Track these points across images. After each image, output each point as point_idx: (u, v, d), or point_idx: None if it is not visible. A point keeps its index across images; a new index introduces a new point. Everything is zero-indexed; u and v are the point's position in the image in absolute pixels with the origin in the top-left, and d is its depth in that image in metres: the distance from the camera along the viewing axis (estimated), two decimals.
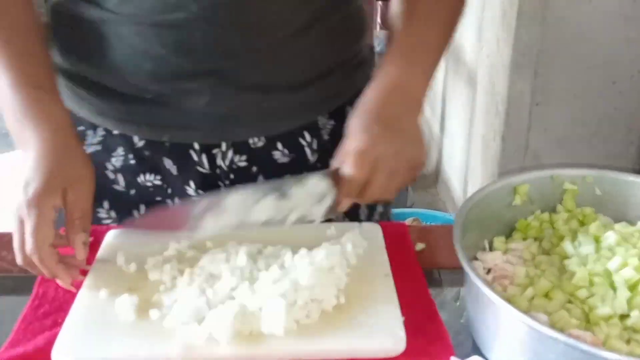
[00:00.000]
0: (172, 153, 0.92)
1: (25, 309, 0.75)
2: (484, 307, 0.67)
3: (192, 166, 0.92)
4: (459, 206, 0.76)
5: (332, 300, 0.72)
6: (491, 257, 0.76)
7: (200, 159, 0.92)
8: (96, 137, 0.93)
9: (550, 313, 0.68)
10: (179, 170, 0.92)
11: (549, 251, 0.79)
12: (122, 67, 0.86)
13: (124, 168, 0.93)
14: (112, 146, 0.93)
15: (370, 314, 0.71)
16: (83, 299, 0.74)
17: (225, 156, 0.92)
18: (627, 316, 0.67)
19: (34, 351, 0.69)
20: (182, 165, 0.92)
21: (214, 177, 0.93)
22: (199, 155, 0.92)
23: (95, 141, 0.93)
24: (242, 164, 0.93)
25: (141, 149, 0.92)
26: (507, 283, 0.73)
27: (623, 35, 1.64)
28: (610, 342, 0.65)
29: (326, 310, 0.71)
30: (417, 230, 0.92)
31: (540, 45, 1.66)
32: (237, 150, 0.92)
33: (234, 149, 0.92)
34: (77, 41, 0.89)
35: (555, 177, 0.84)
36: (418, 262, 0.83)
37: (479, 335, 0.71)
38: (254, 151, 0.93)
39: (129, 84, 0.87)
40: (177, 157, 0.92)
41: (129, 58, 0.85)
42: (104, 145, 0.93)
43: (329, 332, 0.69)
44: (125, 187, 0.93)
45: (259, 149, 0.93)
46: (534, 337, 0.61)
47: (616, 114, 1.74)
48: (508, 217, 0.83)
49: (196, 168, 0.92)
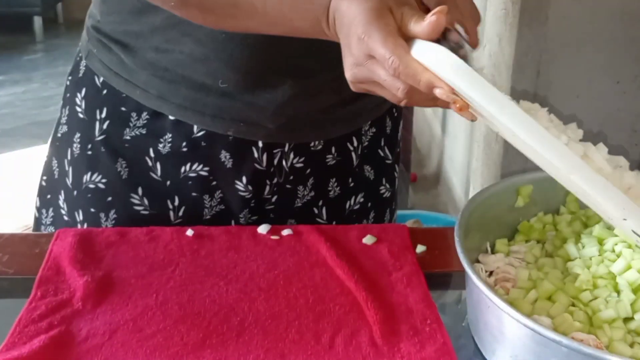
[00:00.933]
0: (232, 147, 0.91)
1: (21, 311, 0.74)
2: (486, 310, 0.67)
3: (251, 162, 0.92)
4: (460, 208, 0.76)
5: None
6: (493, 259, 0.76)
7: (261, 156, 0.92)
8: (140, 120, 0.90)
9: (553, 316, 0.67)
10: (235, 164, 0.91)
11: (552, 253, 0.78)
12: (204, 51, 0.84)
13: (170, 155, 0.91)
14: (160, 131, 0.90)
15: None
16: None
17: (287, 157, 0.93)
18: (631, 319, 0.67)
19: (30, 354, 0.68)
20: (239, 159, 0.91)
21: (268, 174, 0.93)
22: (260, 153, 0.91)
23: (140, 124, 0.90)
24: (299, 165, 0.94)
25: (198, 139, 0.90)
26: (509, 286, 0.72)
27: (627, 34, 1.63)
28: (614, 345, 0.64)
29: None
30: (418, 232, 0.92)
31: (543, 44, 1.65)
32: (297, 152, 0.93)
33: (295, 151, 0.93)
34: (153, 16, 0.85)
35: None
36: (419, 264, 0.83)
37: (481, 339, 0.70)
38: (312, 154, 0.94)
39: (204, 71, 0.85)
40: (237, 151, 0.91)
41: (214, 42, 0.83)
42: (150, 129, 0.90)
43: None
44: (161, 177, 0.92)
45: (317, 151, 0.95)
46: (536, 341, 0.61)
47: (620, 114, 1.73)
48: (510, 219, 0.83)
49: (253, 164, 0.92)
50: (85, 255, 0.83)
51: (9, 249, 0.87)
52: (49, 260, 0.82)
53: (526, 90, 1.72)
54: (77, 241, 0.85)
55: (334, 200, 0.98)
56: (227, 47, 0.83)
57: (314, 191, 0.97)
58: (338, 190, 0.98)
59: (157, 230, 0.88)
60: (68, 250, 0.83)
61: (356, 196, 1.00)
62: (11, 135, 3.54)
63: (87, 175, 0.93)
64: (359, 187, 1.00)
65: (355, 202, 1.00)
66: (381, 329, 0.72)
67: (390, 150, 1.04)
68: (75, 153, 0.94)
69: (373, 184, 1.02)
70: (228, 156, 0.91)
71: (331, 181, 0.97)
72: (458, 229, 0.71)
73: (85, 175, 0.93)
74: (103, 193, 0.93)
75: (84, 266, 0.81)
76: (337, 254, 0.83)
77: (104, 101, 0.91)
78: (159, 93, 0.88)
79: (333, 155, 0.96)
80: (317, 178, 0.96)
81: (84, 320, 0.73)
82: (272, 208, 0.96)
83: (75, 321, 0.73)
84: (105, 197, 0.93)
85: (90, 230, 0.88)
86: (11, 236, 0.90)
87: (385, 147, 1.03)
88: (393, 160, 1.05)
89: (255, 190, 0.93)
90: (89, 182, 0.93)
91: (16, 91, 4.16)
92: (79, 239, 0.86)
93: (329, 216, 0.99)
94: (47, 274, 0.80)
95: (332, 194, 0.98)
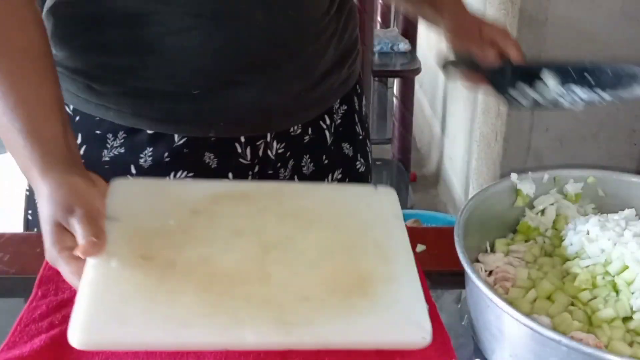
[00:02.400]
0: (215, 148, 0.91)
1: (22, 311, 0.74)
2: (486, 310, 0.67)
3: (235, 158, 0.92)
4: (460, 207, 0.76)
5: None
6: (493, 259, 0.76)
7: (244, 151, 0.92)
8: (117, 140, 0.89)
9: (553, 315, 0.67)
10: (219, 163, 0.92)
11: (551, 253, 0.78)
12: (170, 63, 0.84)
13: (152, 167, 0.90)
14: (140, 147, 0.89)
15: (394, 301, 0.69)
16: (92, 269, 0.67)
17: (271, 146, 0.94)
18: (630, 319, 0.67)
19: (30, 353, 0.68)
20: (223, 158, 0.92)
21: (251, 167, 0.94)
22: (243, 148, 0.92)
23: (117, 144, 0.89)
24: (281, 151, 0.96)
25: (180, 146, 0.90)
26: (508, 285, 0.72)
27: (625, 35, 1.63)
28: (613, 344, 0.65)
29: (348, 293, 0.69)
30: (418, 232, 0.92)
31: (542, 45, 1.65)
32: (279, 139, 0.95)
33: (276, 139, 0.95)
34: (110, 40, 0.85)
35: (558, 178, 0.84)
36: (419, 263, 0.83)
37: (481, 338, 0.70)
38: (292, 138, 0.96)
39: (174, 82, 0.85)
40: (221, 151, 0.91)
41: (179, 53, 0.83)
42: (129, 146, 0.89)
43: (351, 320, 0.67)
44: None
45: (296, 135, 0.97)
46: (536, 340, 0.61)
47: (619, 114, 1.73)
48: (510, 219, 0.83)
49: (238, 160, 0.93)
50: None
51: (10, 248, 0.87)
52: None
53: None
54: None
55: (309, 178, 1.00)
56: (192, 57, 0.84)
57: (292, 170, 0.99)
58: (312, 167, 1.00)
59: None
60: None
61: (333, 173, 1.02)
62: None
63: None
64: (335, 165, 1.02)
65: (333, 178, 1.02)
66: None
67: (362, 126, 1.07)
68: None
69: (350, 160, 1.05)
70: (212, 156, 0.91)
71: (304, 158, 0.99)
72: (457, 228, 0.72)
73: None
74: None
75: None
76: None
77: (78, 127, 0.89)
78: (133, 111, 0.88)
79: (309, 135, 0.99)
80: (296, 160, 0.99)
81: None
82: None
83: None
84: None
85: None
86: (12, 236, 0.90)
87: (358, 123, 1.06)
88: (364, 135, 1.08)
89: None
90: None
91: None
92: None
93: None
94: (48, 274, 0.80)
95: (306, 170, 0.99)
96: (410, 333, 0.66)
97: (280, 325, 0.65)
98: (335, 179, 1.02)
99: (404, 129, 2.73)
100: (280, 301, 0.67)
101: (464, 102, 2.50)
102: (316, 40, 0.91)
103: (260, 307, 0.66)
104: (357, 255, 0.73)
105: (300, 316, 0.66)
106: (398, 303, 0.69)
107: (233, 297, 0.67)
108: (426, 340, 0.66)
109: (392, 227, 0.79)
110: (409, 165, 2.79)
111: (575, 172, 0.84)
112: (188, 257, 0.70)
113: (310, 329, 0.65)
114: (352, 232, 0.76)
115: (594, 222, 0.75)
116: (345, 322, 0.66)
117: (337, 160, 1.02)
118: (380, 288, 0.70)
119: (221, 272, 0.69)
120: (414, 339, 0.66)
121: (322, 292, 0.68)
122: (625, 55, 1.66)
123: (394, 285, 0.70)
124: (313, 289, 0.69)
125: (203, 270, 0.69)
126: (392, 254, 0.74)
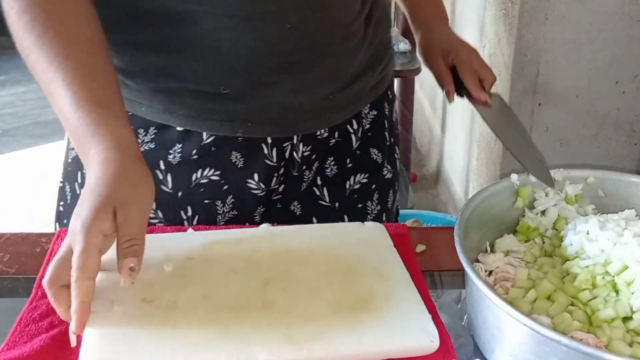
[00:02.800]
0: (242, 147, 0.92)
1: (22, 311, 0.74)
2: (486, 310, 0.67)
3: (261, 159, 0.93)
4: (460, 207, 0.76)
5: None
6: (493, 259, 0.76)
7: (271, 152, 0.93)
8: (148, 135, 0.91)
9: (553, 315, 0.67)
10: (246, 162, 0.93)
11: (552, 253, 0.78)
12: (203, 62, 0.85)
13: (181, 164, 0.91)
14: (169, 143, 0.91)
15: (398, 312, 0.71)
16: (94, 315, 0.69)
17: (297, 148, 0.95)
18: (630, 318, 0.67)
19: (30, 354, 0.68)
20: (250, 158, 0.92)
21: (278, 168, 0.95)
22: (269, 149, 0.93)
23: (148, 139, 0.91)
24: (307, 154, 0.96)
25: (208, 144, 0.91)
26: (508, 285, 0.72)
27: (626, 34, 1.63)
28: (613, 344, 0.65)
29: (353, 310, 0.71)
30: (418, 232, 0.92)
31: (542, 44, 1.65)
32: (305, 142, 0.95)
33: (303, 141, 0.95)
34: (144, 39, 0.86)
35: (557, 178, 0.83)
36: (418, 263, 0.83)
37: (481, 338, 0.70)
38: (318, 141, 0.97)
39: (207, 80, 0.86)
40: (247, 150, 0.92)
41: (212, 53, 0.84)
42: (159, 142, 0.91)
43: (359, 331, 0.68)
44: (172, 189, 0.92)
45: (323, 138, 0.97)
46: (536, 340, 0.61)
47: (619, 114, 1.73)
48: (510, 219, 0.83)
49: (264, 161, 0.93)
50: None
51: (10, 248, 0.87)
52: (49, 260, 0.83)
53: (526, 90, 1.72)
54: None
55: (332, 179, 1.00)
56: (224, 56, 0.84)
57: (315, 172, 0.99)
58: (335, 169, 1.00)
59: (157, 230, 0.88)
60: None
61: (355, 176, 1.02)
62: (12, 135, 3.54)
63: None
64: (359, 168, 1.02)
65: (355, 181, 1.02)
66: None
67: (390, 133, 1.07)
68: (85, 176, 0.94)
69: (379, 166, 1.05)
70: (239, 156, 0.92)
71: (328, 159, 0.99)
72: (458, 228, 0.72)
73: None
74: None
75: None
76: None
77: None
78: (164, 107, 0.89)
79: (336, 139, 0.99)
80: (320, 160, 0.99)
81: None
82: (280, 197, 0.97)
83: None
84: None
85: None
86: (12, 236, 0.90)
87: (387, 129, 1.06)
88: (393, 142, 1.08)
89: (265, 185, 0.95)
90: None
91: (17, 91, 4.16)
92: None
93: (330, 197, 1.00)
94: None
95: (329, 171, 1.00)
96: (418, 338, 0.68)
97: (290, 342, 0.66)
98: (358, 182, 1.02)
99: (404, 129, 2.73)
100: (287, 323, 0.69)
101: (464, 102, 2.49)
102: (346, 43, 0.92)
103: (268, 330, 0.68)
104: (355, 279, 0.76)
105: (308, 334, 0.68)
106: (402, 314, 0.71)
107: (239, 324, 0.69)
108: (434, 344, 0.67)
109: (386, 254, 0.81)
110: (409, 165, 2.79)
111: (575, 172, 0.84)
112: (189, 296, 0.72)
113: (320, 343, 0.66)
114: (347, 261, 0.78)
115: (594, 222, 0.75)
116: (353, 334, 0.68)
117: (364, 165, 1.02)
118: (383, 303, 0.72)
119: (224, 306, 0.71)
120: (423, 343, 0.67)
121: (327, 313, 0.70)
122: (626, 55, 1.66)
123: (395, 299, 0.72)
124: (317, 310, 0.71)
125: (205, 305, 0.71)
126: (388, 274, 0.77)
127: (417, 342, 0.68)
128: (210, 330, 0.68)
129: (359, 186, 1.02)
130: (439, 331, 0.69)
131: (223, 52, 0.84)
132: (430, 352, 0.68)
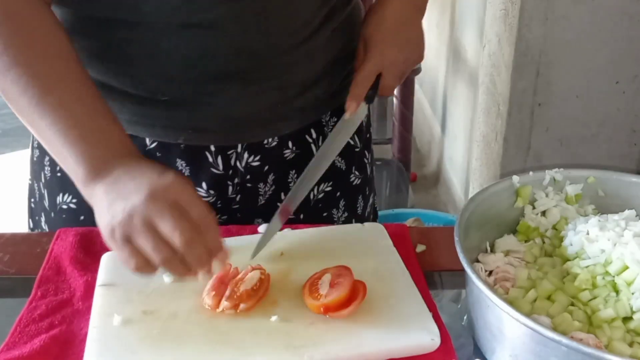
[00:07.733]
0: (186, 154, 0.91)
1: (22, 311, 0.74)
2: (486, 310, 0.67)
3: (207, 167, 0.92)
4: (460, 207, 0.76)
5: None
6: (493, 259, 0.76)
7: (216, 160, 0.92)
8: None
9: (553, 315, 0.67)
10: (192, 171, 0.92)
11: (552, 253, 0.78)
12: (140, 69, 0.85)
13: None
14: None
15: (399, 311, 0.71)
16: (96, 329, 0.70)
17: (241, 157, 0.93)
18: (630, 319, 0.67)
19: (30, 353, 0.68)
20: (195, 166, 0.92)
21: (226, 177, 0.93)
22: (214, 157, 0.92)
23: None
24: (255, 164, 0.94)
25: (152, 150, 0.90)
26: (509, 285, 0.72)
27: (626, 34, 1.63)
28: (613, 344, 0.65)
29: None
30: (418, 232, 0.92)
31: (542, 44, 1.65)
32: (252, 151, 0.93)
33: (248, 150, 0.93)
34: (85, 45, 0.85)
35: (558, 178, 0.83)
36: (418, 263, 0.83)
37: (481, 338, 0.70)
38: (267, 151, 0.94)
39: (145, 87, 0.86)
40: (191, 158, 0.91)
41: (149, 60, 0.84)
42: None
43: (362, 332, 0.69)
44: None
45: (272, 148, 0.94)
46: (536, 340, 0.61)
47: (619, 114, 1.73)
48: (510, 219, 0.82)
49: (210, 169, 0.92)
50: (85, 255, 0.83)
51: (10, 248, 0.87)
52: (49, 260, 0.83)
53: (526, 90, 1.72)
54: (78, 241, 0.85)
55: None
56: (161, 64, 0.84)
57: (275, 185, 0.97)
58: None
59: None
60: (69, 250, 0.84)
61: (318, 186, 0.99)
62: (12, 135, 3.54)
63: (60, 196, 0.94)
64: (321, 177, 0.96)
65: (319, 190, 1.00)
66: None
67: (358, 138, 1.03)
68: (47, 176, 0.95)
69: (343, 174, 1.02)
70: (184, 164, 0.91)
71: (290, 173, 0.97)
72: (458, 228, 0.72)
73: (58, 196, 0.94)
74: (75, 213, 0.93)
75: (84, 266, 0.81)
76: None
77: None
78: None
79: (291, 149, 0.96)
80: (277, 174, 0.96)
81: (84, 319, 0.73)
82: (238, 207, 0.96)
83: (76, 321, 0.73)
84: (77, 216, 0.93)
85: (91, 230, 0.88)
86: (12, 236, 0.90)
87: (354, 135, 1.01)
88: (362, 147, 1.04)
89: (217, 193, 0.93)
90: (62, 203, 0.94)
91: None
92: (80, 238, 0.86)
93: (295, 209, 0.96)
94: (47, 274, 0.80)
95: (293, 185, 0.97)
96: (419, 337, 0.68)
97: (290, 349, 0.67)
98: (322, 190, 1.00)
99: (404, 129, 2.73)
100: (286, 330, 0.69)
101: (464, 102, 2.49)
102: (294, 52, 0.88)
103: (268, 337, 0.68)
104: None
105: (308, 339, 0.68)
106: (402, 313, 0.71)
107: (239, 331, 0.69)
108: (435, 342, 0.68)
109: (386, 254, 0.81)
110: (409, 165, 2.79)
111: (575, 172, 0.84)
112: (188, 306, 0.73)
113: (321, 348, 0.67)
114: (347, 262, 0.77)
115: (594, 222, 0.75)
116: (354, 337, 0.68)
117: (326, 174, 0.95)
118: (383, 304, 0.72)
119: (224, 314, 0.72)
120: (424, 342, 0.68)
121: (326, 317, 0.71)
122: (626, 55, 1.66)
123: (394, 300, 0.73)
124: (317, 314, 0.71)
125: (205, 315, 0.72)
126: (389, 274, 0.77)
127: (418, 341, 0.68)
128: (210, 339, 0.68)
129: (323, 195, 1.00)
130: (439, 330, 0.70)
131: (161, 60, 0.84)
132: (431, 350, 0.68)
